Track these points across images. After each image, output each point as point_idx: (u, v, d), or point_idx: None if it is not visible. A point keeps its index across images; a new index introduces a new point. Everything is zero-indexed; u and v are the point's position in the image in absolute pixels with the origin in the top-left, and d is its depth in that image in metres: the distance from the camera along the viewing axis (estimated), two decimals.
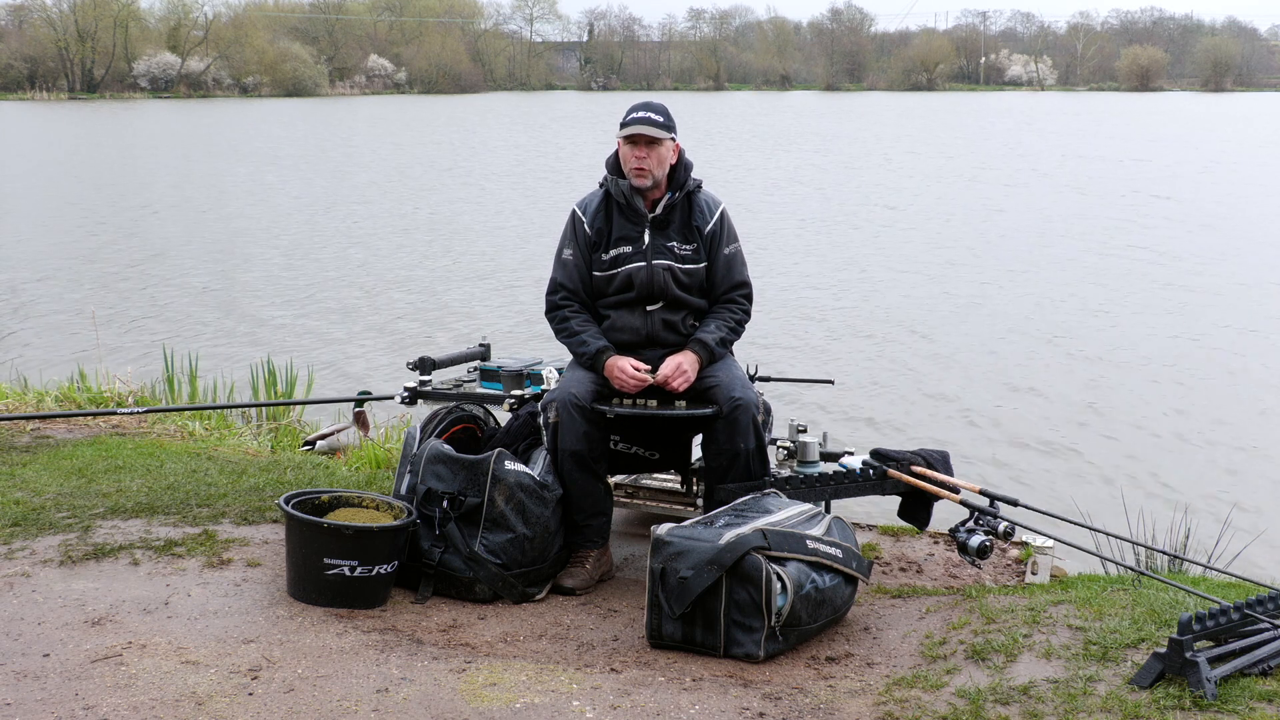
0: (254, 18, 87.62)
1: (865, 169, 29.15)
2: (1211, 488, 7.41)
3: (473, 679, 3.26)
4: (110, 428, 6.16)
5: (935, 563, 4.48)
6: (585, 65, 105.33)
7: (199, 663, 3.29)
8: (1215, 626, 3.04)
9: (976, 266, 15.48)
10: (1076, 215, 20.18)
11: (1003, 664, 3.23)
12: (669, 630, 3.51)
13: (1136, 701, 2.91)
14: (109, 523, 4.39)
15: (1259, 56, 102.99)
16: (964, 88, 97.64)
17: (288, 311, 12.92)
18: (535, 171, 28.91)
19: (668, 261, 4.18)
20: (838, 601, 3.66)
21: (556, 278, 4.27)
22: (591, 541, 4.13)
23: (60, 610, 3.62)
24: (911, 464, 4.14)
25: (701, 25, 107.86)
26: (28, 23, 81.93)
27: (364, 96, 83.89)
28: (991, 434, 8.56)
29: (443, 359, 4.97)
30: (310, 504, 3.87)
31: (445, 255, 16.73)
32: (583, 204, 4.29)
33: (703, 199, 4.27)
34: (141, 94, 78.76)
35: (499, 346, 5.67)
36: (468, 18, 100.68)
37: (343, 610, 3.70)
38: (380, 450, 6.18)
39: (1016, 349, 11.08)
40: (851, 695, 3.20)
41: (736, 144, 36.94)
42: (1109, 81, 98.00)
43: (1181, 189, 24.17)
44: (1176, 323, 12.16)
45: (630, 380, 4.04)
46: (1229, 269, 15.12)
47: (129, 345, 11.12)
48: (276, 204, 22.76)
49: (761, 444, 4.05)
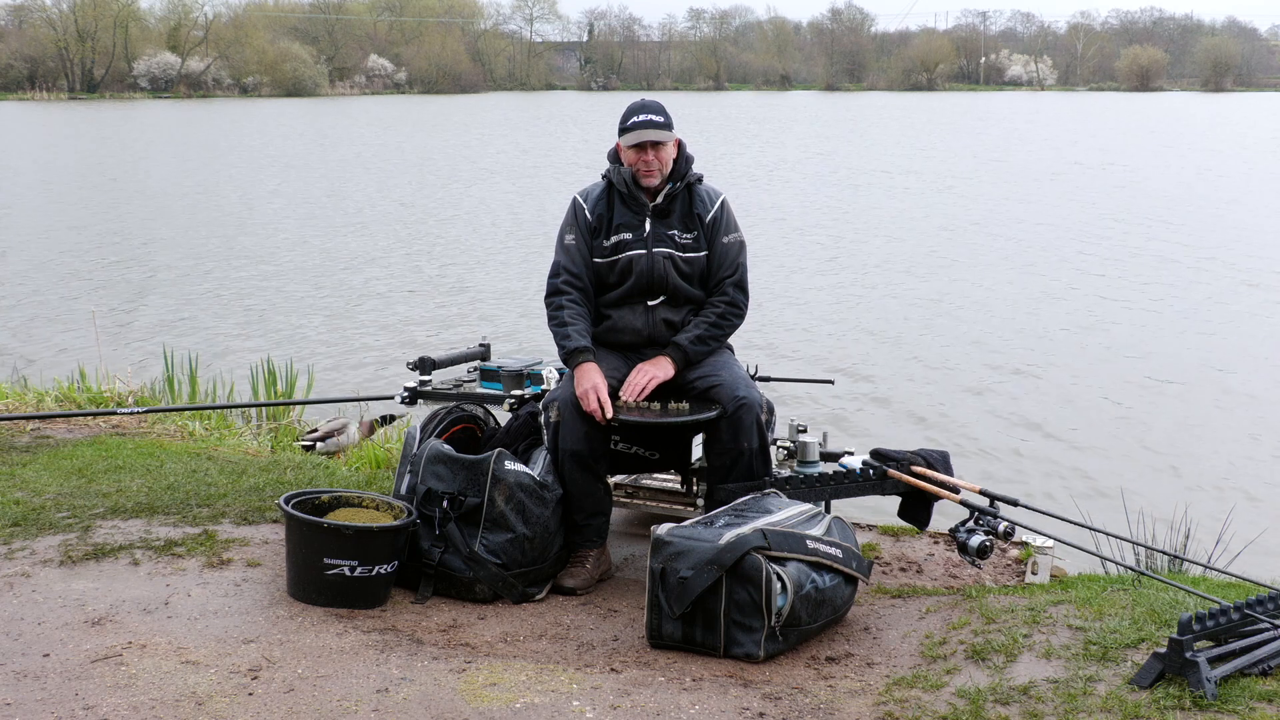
0: (254, 18, 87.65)
1: (865, 169, 29.15)
2: (1212, 488, 7.41)
3: (473, 679, 3.26)
4: (110, 428, 6.16)
5: (935, 563, 4.48)
6: (585, 65, 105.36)
7: (199, 663, 3.29)
8: (1215, 626, 3.04)
9: (976, 266, 15.47)
10: (1077, 216, 20.18)
11: (1003, 664, 3.23)
12: (669, 630, 3.51)
13: (1136, 701, 2.91)
14: (109, 523, 4.39)
15: (1259, 56, 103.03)
16: (964, 88, 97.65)
17: (288, 311, 12.91)
18: (535, 171, 28.91)
19: (668, 249, 4.19)
20: (838, 601, 3.66)
21: (560, 261, 4.26)
22: (591, 541, 4.13)
23: (60, 610, 3.62)
24: (911, 464, 4.14)
25: (701, 25, 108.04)
26: (28, 23, 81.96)
27: (364, 96, 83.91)
28: (991, 434, 8.56)
29: (443, 359, 4.97)
30: (310, 504, 3.87)
31: (445, 255, 16.72)
32: (584, 192, 4.30)
33: (703, 190, 4.28)
34: (141, 94, 78.79)
35: (499, 346, 5.67)
36: (468, 18, 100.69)
37: (343, 610, 3.70)
38: (380, 450, 6.18)
39: (1017, 349, 11.07)
40: (851, 695, 3.20)
41: (736, 144, 36.93)
42: (1109, 81, 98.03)
43: (1181, 190, 24.17)
44: (1176, 323, 12.16)
45: (589, 409, 3.97)
46: (1229, 269, 15.11)
47: (129, 345, 11.12)
48: (276, 204, 22.76)
49: (765, 443, 4.05)
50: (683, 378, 4.18)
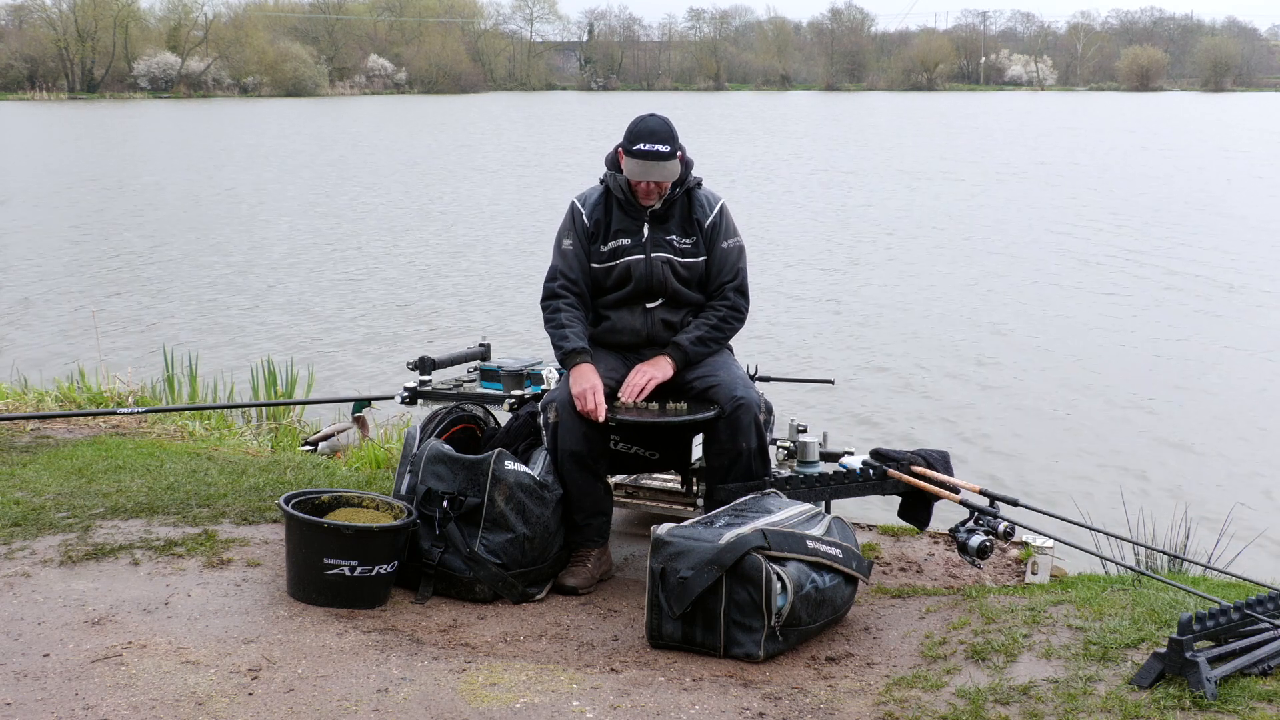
0: (254, 18, 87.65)
1: (865, 169, 29.14)
2: (1212, 488, 7.41)
3: (473, 679, 3.26)
4: (110, 428, 6.16)
5: (935, 563, 4.48)
6: (585, 65, 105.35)
7: (199, 663, 3.29)
8: (1215, 626, 3.04)
9: (977, 266, 15.47)
10: (1077, 215, 20.17)
11: (1003, 664, 3.23)
12: (669, 630, 3.51)
13: (1136, 701, 2.91)
14: (109, 523, 4.39)
15: (1259, 56, 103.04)
16: (964, 88, 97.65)
17: (288, 311, 12.91)
18: (535, 172, 28.90)
19: (666, 255, 4.19)
20: (838, 601, 3.66)
21: (556, 265, 4.26)
22: (591, 541, 4.13)
23: (60, 610, 3.62)
24: (911, 464, 4.13)
25: (701, 25, 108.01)
26: (28, 23, 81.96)
27: (364, 96, 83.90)
28: (992, 434, 8.56)
29: (443, 359, 4.97)
30: (310, 504, 3.87)
31: (445, 255, 16.72)
32: (582, 197, 4.30)
33: (702, 195, 4.27)
34: (141, 94, 78.77)
35: (499, 346, 5.67)
36: (468, 18, 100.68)
37: (343, 610, 3.70)
38: (380, 450, 6.18)
39: (1017, 349, 11.08)
40: (851, 695, 3.20)
41: (737, 144, 36.93)
42: (1109, 81, 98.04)
43: (1179, 189, 24.16)
44: (1176, 323, 12.16)
45: (584, 410, 3.97)
46: (1231, 269, 15.11)
47: (129, 345, 11.12)
48: (276, 203, 22.76)
49: (763, 444, 4.05)
50: (681, 378, 4.17)
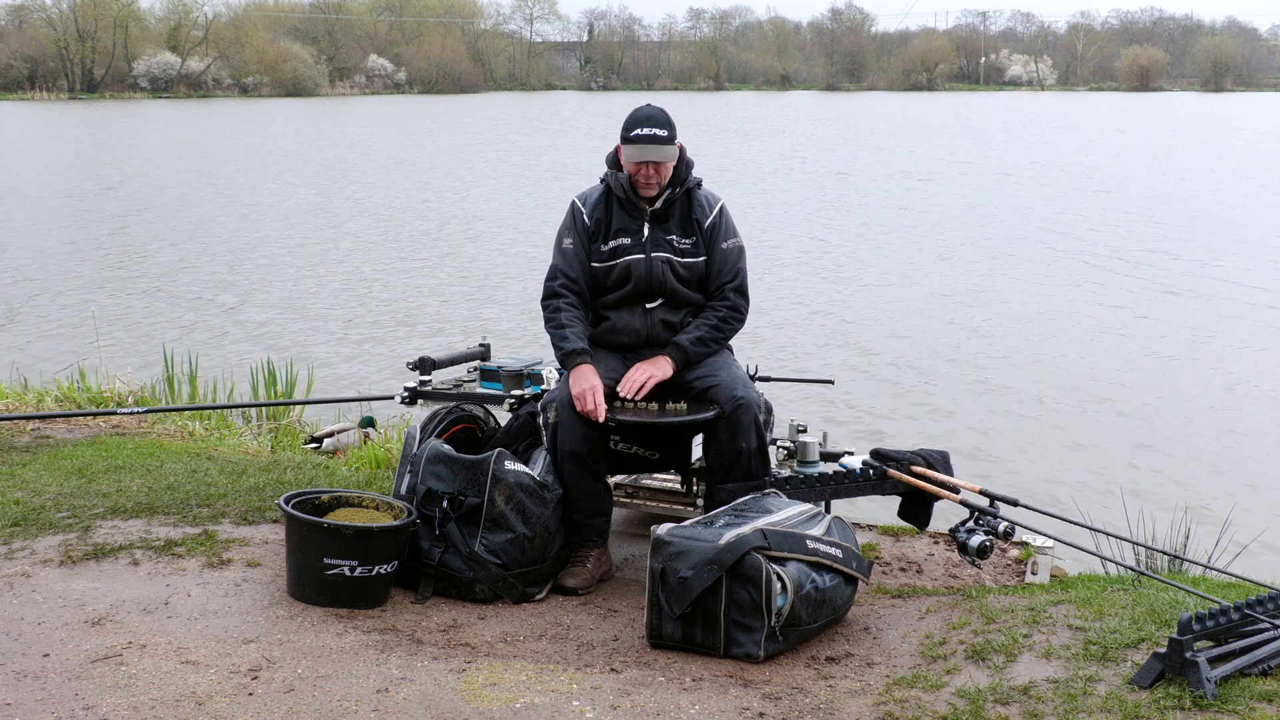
0: (254, 18, 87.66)
1: (865, 169, 29.14)
2: (1212, 488, 7.41)
3: (473, 679, 3.26)
4: (110, 428, 6.16)
5: (935, 563, 4.48)
6: (585, 65, 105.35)
7: (199, 663, 3.29)
8: (1215, 626, 3.03)
9: (977, 267, 15.47)
10: (1077, 216, 20.17)
11: (1003, 664, 3.23)
12: (669, 630, 3.51)
13: (1136, 701, 2.90)
14: (109, 523, 4.39)
15: (1259, 56, 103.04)
16: (964, 88, 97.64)
17: (288, 311, 12.91)
18: (535, 172, 28.90)
19: (666, 254, 4.19)
20: (838, 601, 3.66)
21: (557, 264, 4.26)
22: (591, 541, 4.13)
23: (60, 610, 3.62)
24: (911, 464, 4.13)
25: (701, 25, 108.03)
26: (28, 23, 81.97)
27: (364, 96, 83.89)
28: (991, 434, 8.56)
29: (443, 359, 4.97)
30: (310, 504, 3.87)
31: (445, 255, 16.72)
32: (583, 196, 4.30)
33: (703, 195, 4.28)
34: (141, 94, 78.77)
35: (499, 346, 5.67)
36: (468, 18, 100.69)
37: (343, 610, 3.70)
38: (380, 450, 6.18)
39: (1017, 349, 11.08)
40: (851, 695, 3.20)
41: (736, 143, 36.92)
42: (1109, 81, 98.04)
43: (1178, 190, 24.16)
44: (1176, 323, 12.16)
45: (584, 410, 3.97)
46: (1230, 270, 15.11)
47: (129, 345, 11.12)
48: (276, 203, 22.76)
49: (763, 444, 4.05)
50: (681, 378, 4.17)
